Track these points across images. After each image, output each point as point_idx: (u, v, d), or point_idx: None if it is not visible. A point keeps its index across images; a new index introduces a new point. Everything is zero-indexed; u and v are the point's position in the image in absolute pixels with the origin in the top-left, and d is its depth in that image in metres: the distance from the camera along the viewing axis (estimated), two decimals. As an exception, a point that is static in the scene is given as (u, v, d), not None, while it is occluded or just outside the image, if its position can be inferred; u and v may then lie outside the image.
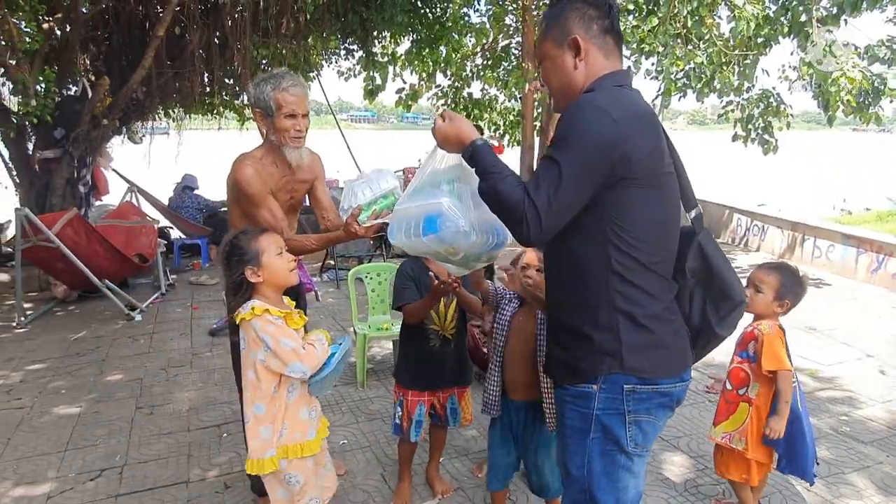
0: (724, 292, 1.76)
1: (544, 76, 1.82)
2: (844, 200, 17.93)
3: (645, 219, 1.61)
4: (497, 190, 1.59)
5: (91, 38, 7.65)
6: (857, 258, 7.00)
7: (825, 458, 3.30)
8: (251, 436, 2.13)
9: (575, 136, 1.56)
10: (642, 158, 1.56)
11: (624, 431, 1.66)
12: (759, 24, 6.78)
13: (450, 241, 1.80)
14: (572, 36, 1.69)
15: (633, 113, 1.60)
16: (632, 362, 1.62)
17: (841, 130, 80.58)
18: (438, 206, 1.79)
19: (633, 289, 1.62)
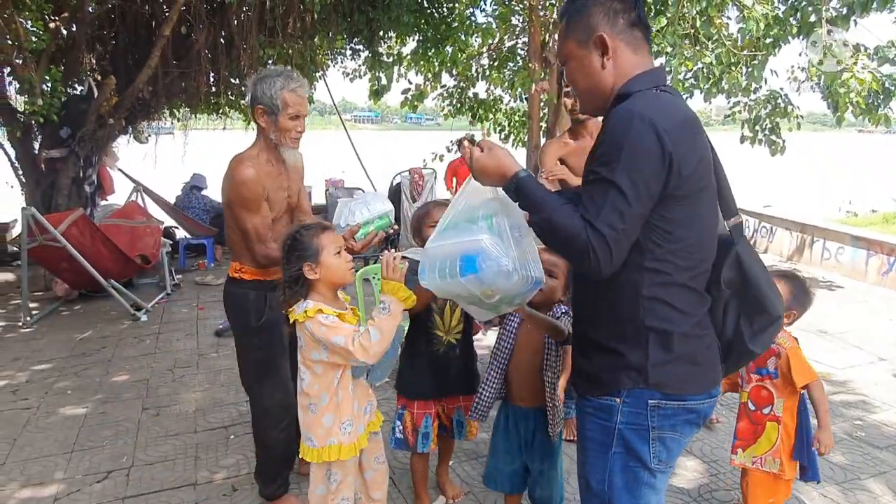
0: (761, 305, 1.65)
1: (569, 77, 1.71)
2: (850, 202, 17.83)
3: (684, 234, 1.53)
4: (553, 222, 1.49)
5: (97, 37, 7.64)
6: (868, 260, 6.94)
7: (840, 463, 3.26)
8: (314, 425, 2.13)
9: (623, 151, 1.44)
10: (690, 174, 1.48)
11: (647, 448, 1.59)
12: (769, 25, 6.74)
13: (489, 283, 1.64)
14: (598, 33, 1.57)
15: (679, 121, 1.50)
16: (657, 377, 1.55)
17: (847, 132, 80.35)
18: (478, 243, 1.63)
19: (665, 306, 1.54)
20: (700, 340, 1.60)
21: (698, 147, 1.52)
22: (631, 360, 1.56)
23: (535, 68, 9.46)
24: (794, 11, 6.96)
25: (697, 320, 1.59)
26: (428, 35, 9.13)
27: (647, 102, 1.51)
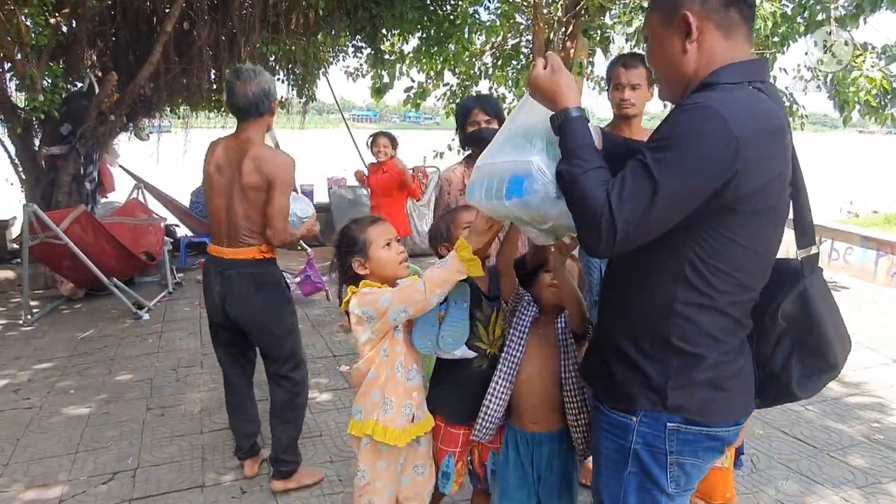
0: (818, 349, 1.48)
1: (649, 57, 1.53)
2: (851, 202, 17.80)
3: (735, 255, 1.35)
4: (577, 183, 1.34)
5: (98, 33, 7.56)
6: (877, 261, 6.89)
7: (860, 466, 3.20)
8: (363, 395, 2.05)
9: (682, 146, 1.28)
10: (757, 189, 1.30)
11: (665, 472, 1.46)
12: (777, 23, 6.68)
13: (536, 208, 1.49)
14: (683, 11, 1.37)
15: (761, 128, 1.30)
16: (676, 400, 1.41)
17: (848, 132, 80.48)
18: (528, 165, 1.48)
19: (696, 328, 1.39)
20: (729, 366, 1.44)
21: (776, 162, 1.34)
22: (651, 378, 1.43)
23: (540, 67, 9.40)
24: (803, 10, 6.92)
25: (729, 347, 1.44)
26: (431, 33, 9.07)
27: (727, 97, 1.32)
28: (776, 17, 6.71)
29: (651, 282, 1.43)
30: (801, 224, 1.46)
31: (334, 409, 3.76)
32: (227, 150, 2.81)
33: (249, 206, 2.73)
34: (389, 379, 2.01)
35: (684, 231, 1.34)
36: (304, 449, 3.27)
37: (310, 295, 6.08)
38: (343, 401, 3.86)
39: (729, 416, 1.46)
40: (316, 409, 3.74)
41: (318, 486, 2.94)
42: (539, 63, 1.48)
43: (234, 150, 2.78)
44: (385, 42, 9.67)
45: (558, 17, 9.63)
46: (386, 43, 9.74)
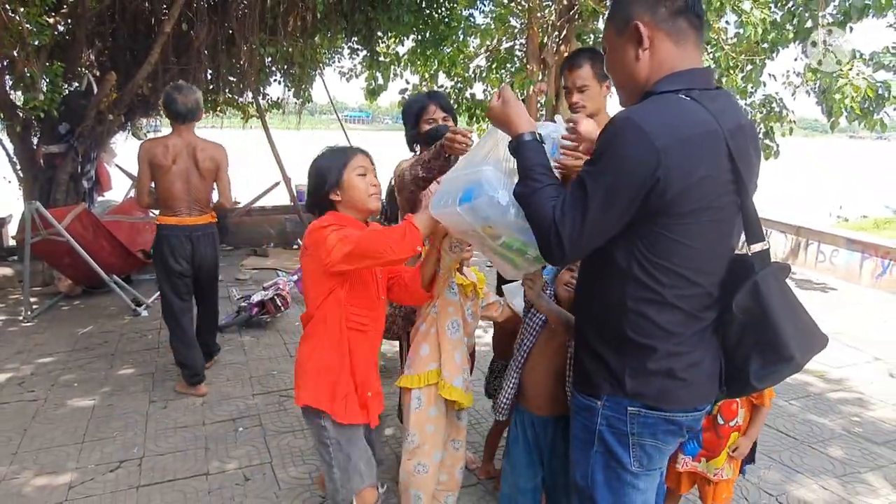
0: (773, 342, 1.49)
1: (608, 66, 1.64)
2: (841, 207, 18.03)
3: (676, 252, 1.45)
4: (530, 201, 1.50)
5: (96, 33, 7.64)
6: (862, 263, 7.05)
7: (839, 457, 3.33)
8: (413, 352, 2.38)
9: (607, 159, 1.41)
10: (682, 192, 1.39)
11: (627, 452, 1.57)
12: (766, 30, 6.83)
13: (483, 215, 1.62)
14: (633, 22, 1.46)
15: (684, 137, 1.39)
16: (634, 388, 1.53)
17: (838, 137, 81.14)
18: (479, 174, 1.64)
19: (647, 321, 1.50)
20: (684, 357, 1.52)
21: (703, 166, 1.40)
22: (611, 367, 1.55)
23: (534, 70, 9.53)
24: (792, 17, 7.07)
25: (682, 339, 1.52)
26: (426, 35, 9.18)
27: (654, 109, 1.43)
28: (766, 23, 6.85)
29: (606, 281, 1.55)
30: (747, 222, 1.51)
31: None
32: (176, 147, 3.77)
33: (205, 184, 3.87)
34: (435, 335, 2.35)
35: (630, 233, 1.46)
36: (305, 439, 3.39)
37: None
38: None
39: (687, 403, 1.56)
40: (315, 402, 3.84)
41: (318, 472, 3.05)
42: (494, 97, 1.65)
43: (183, 145, 3.77)
44: (380, 44, 9.78)
45: (552, 21, 9.76)
46: (381, 45, 9.84)
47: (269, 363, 4.51)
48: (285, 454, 3.23)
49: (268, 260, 7.94)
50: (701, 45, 1.53)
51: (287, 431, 3.48)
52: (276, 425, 3.55)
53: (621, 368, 1.54)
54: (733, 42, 7.19)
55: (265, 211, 9.19)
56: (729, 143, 1.42)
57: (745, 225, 1.52)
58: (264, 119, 8.80)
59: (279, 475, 3.04)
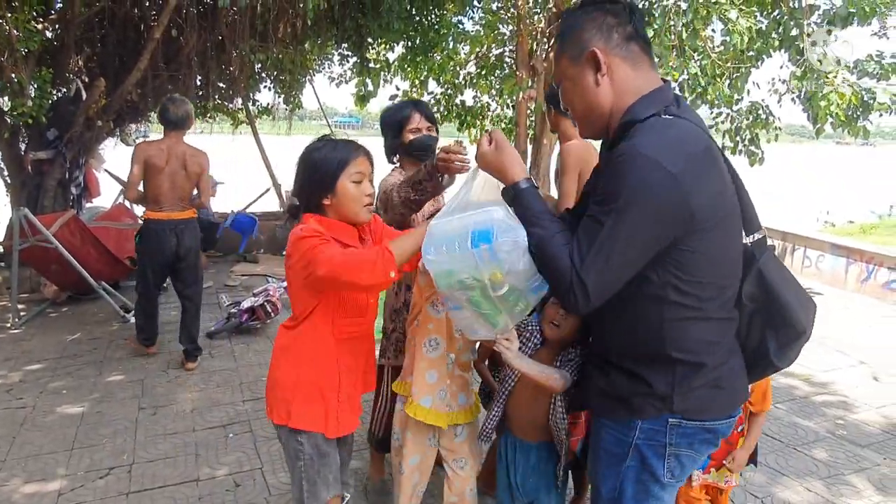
0: (785, 319, 1.57)
1: (566, 99, 1.61)
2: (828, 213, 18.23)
3: (709, 264, 1.47)
4: (544, 249, 1.47)
5: (85, 38, 7.62)
6: (847, 268, 7.14)
7: (823, 459, 3.38)
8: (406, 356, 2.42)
9: (626, 197, 1.36)
10: (704, 212, 1.40)
11: (662, 463, 1.57)
12: (752, 38, 6.92)
13: (504, 258, 1.51)
14: (590, 49, 1.49)
15: (691, 156, 1.41)
16: (682, 405, 1.52)
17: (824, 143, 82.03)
18: (490, 214, 1.55)
19: (691, 339, 1.50)
20: (725, 366, 1.56)
21: (714, 180, 1.44)
22: (656, 389, 1.52)
23: (523, 76, 9.60)
24: (777, 25, 7.17)
25: (724, 347, 1.56)
26: (416, 42, 9.22)
27: (654, 138, 1.41)
28: (752, 32, 6.95)
29: (639, 305, 1.51)
30: (746, 214, 1.56)
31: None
32: (168, 151, 4.34)
33: (189, 185, 4.45)
34: (414, 354, 2.26)
35: (659, 259, 1.43)
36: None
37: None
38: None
39: (724, 411, 1.58)
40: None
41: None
42: (484, 140, 1.61)
43: (174, 150, 4.36)
44: (370, 51, 9.81)
45: (541, 28, 9.83)
46: (371, 52, 9.87)
47: (258, 369, 4.51)
48: (276, 460, 3.24)
49: (257, 266, 7.93)
50: (655, 65, 1.55)
51: (277, 438, 3.48)
52: (267, 431, 3.56)
53: (669, 388, 1.51)
54: (720, 50, 7.28)
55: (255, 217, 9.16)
56: (717, 146, 1.48)
57: (744, 216, 1.56)
58: (254, 125, 8.81)
59: (269, 481, 3.04)
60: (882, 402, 4.17)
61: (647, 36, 1.55)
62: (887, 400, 4.20)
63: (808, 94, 6.90)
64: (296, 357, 1.95)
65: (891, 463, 3.37)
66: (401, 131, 2.59)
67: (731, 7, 6.82)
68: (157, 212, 4.38)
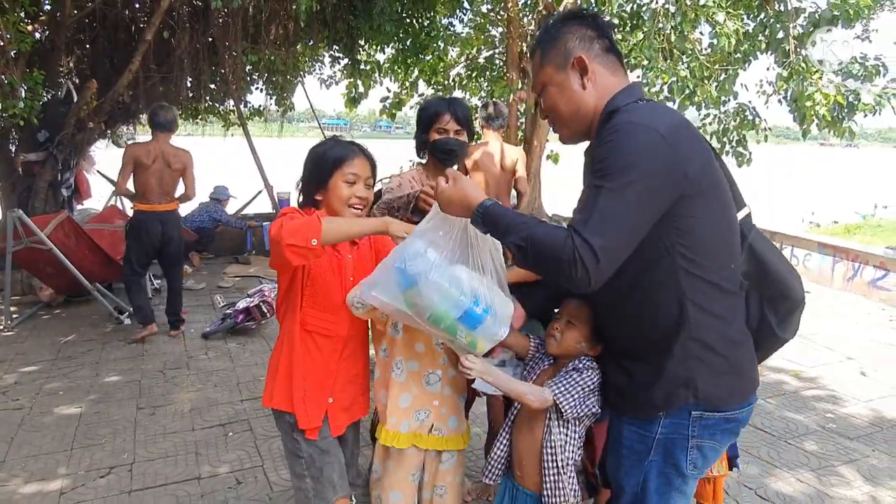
0: (781, 291, 1.65)
1: (549, 105, 1.67)
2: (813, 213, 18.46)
3: (710, 231, 1.52)
4: (534, 238, 1.42)
5: (75, 40, 7.60)
6: (834, 266, 7.25)
7: (814, 452, 3.46)
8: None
9: (626, 159, 1.41)
10: (698, 172, 1.47)
11: (685, 455, 1.60)
12: (740, 40, 7.02)
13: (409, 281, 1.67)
14: (576, 55, 1.60)
15: (676, 124, 1.49)
16: (706, 391, 1.55)
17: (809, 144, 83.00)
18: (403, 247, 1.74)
19: (707, 315, 1.53)
20: (742, 348, 1.61)
21: (699, 147, 1.52)
22: (678, 375, 1.54)
23: (513, 78, 9.67)
24: (764, 28, 7.29)
25: (738, 326, 1.60)
26: (407, 44, 9.27)
27: (642, 112, 1.50)
28: (739, 34, 7.05)
29: (651, 295, 1.54)
30: (733, 193, 1.64)
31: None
32: (155, 151, 4.95)
33: (173, 181, 5.07)
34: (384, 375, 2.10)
35: (661, 238, 1.48)
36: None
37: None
38: (329, 399, 4.00)
39: (744, 395, 1.62)
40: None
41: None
42: (441, 180, 1.67)
43: (160, 150, 4.97)
44: (361, 52, 9.85)
45: (531, 30, 9.91)
46: (362, 53, 9.91)
47: (255, 369, 4.53)
48: (277, 457, 3.26)
49: (250, 267, 7.94)
50: (627, 75, 1.67)
51: (277, 436, 3.50)
52: (266, 430, 3.58)
53: (692, 373, 1.54)
54: (707, 53, 7.38)
55: (247, 219, 9.17)
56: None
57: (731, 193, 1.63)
58: (246, 127, 8.81)
59: (272, 478, 3.07)
60: (869, 396, 4.26)
61: (619, 50, 1.68)
62: (874, 394, 4.29)
63: (795, 95, 7.01)
64: (277, 344, 2.07)
65: (879, 455, 3.45)
66: (429, 128, 2.51)
67: (718, 10, 6.93)
68: (144, 204, 5.01)
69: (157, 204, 5.01)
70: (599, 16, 1.69)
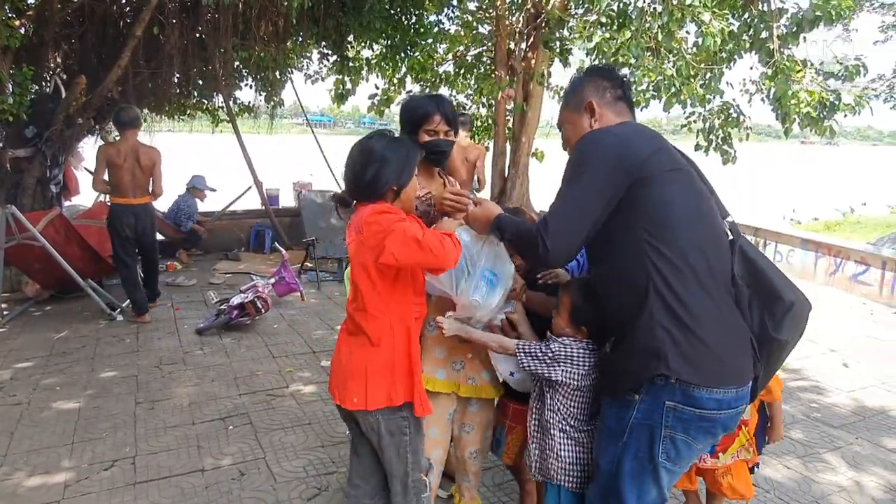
0: (773, 293, 1.76)
1: (565, 138, 2.01)
2: (794, 210, 18.76)
3: (673, 214, 1.69)
4: (519, 230, 1.89)
5: (63, 35, 7.55)
6: (816, 262, 7.42)
7: (800, 439, 3.57)
8: None
9: (581, 156, 1.78)
10: (649, 156, 1.73)
11: (658, 443, 1.71)
12: (725, 40, 7.14)
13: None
14: (588, 100, 1.91)
15: (633, 130, 1.82)
16: (677, 365, 1.63)
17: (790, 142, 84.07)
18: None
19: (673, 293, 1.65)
20: (718, 328, 1.68)
21: (652, 141, 1.79)
22: (649, 347, 1.66)
23: (502, 76, 9.73)
24: (748, 28, 7.41)
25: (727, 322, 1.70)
26: (396, 40, 9.30)
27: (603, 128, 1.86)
28: (724, 34, 7.18)
29: (624, 276, 1.75)
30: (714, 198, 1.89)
31: (320, 400, 3.95)
32: (125, 149, 5.35)
33: (145, 176, 5.44)
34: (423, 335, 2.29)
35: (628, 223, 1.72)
36: (296, 435, 3.48)
37: (284, 296, 6.21)
38: (326, 392, 4.04)
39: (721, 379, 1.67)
40: (302, 400, 3.94)
41: (312, 466, 3.15)
42: (470, 204, 2.09)
43: (130, 148, 5.37)
44: (350, 49, 9.86)
45: (519, 28, 9.98)
46: (351, 50, 9.92)
47: (252, 364, 4.57)
48: (278, 449, 3.31)
49: (241, 264, 7.94)
50: (635, 118, 1.98)
51: (278, 428, 3.56)
52: (266, 423, 3.63)
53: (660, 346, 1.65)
54: (693, 52, 7.50)
55: (236, 215, 9.17)
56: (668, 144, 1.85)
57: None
58: (235, 123, 8.80)
59: (274, 469, 3.12)
60: (852, 386, 4.39)
61: (632, 101, 2.00)
62: (856, 385, 4.43)
63: (778, 94, 7.15)
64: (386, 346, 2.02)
65: (862, 442, 3.57)
66: (417, 129, 2.43)
67: (704, 9, 7.04)
68: (120, 198, 5.44)
69: (131, 198, 5.43)
70: (616, 70, 2.05)
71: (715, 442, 1.82)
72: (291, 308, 6.14)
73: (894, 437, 3.65)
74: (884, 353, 5.14)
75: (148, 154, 5.45)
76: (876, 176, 38.30)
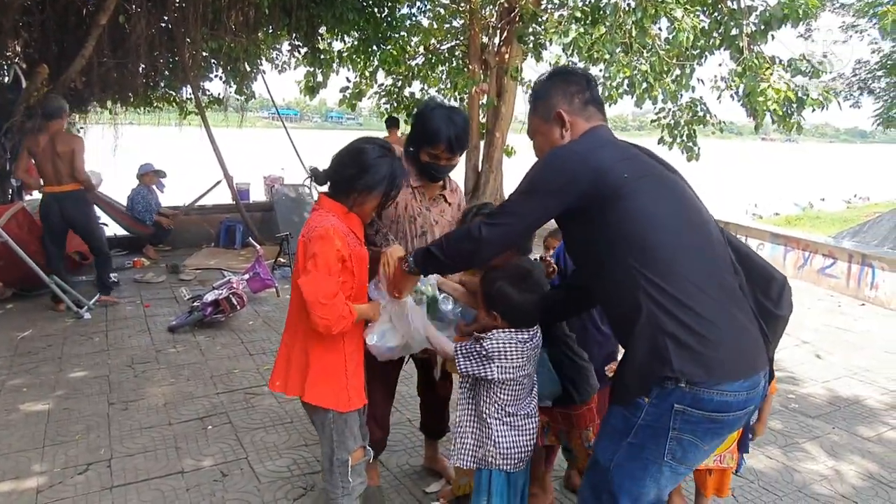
0: (765, 275, 1.82)
1: (537, 148, 2.00)
2: (755, 205, 19.19)
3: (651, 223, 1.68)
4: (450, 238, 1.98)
5: (23, 23, 7.26)
6: (786, 255, 7.57)
7: (779, 429, 3.63)
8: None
9: (536, 167, 1.83)
10: (618, 162, 1.74)
11: (664, 444, 1.67)
12: (696, 36, 7.23)
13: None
14: (556, 110, 1.90)
15: (598, 144, 1.82)
16: (681, 367, 1.60)
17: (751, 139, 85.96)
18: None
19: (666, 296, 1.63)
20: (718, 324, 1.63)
21: (615, 152, 1.80)
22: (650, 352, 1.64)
23: (476, 71, 9.71)
24: (718, 25, 7.52)
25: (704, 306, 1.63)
26: (368, 33, 9.19)
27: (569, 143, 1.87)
28: (696, 30, 7.26)
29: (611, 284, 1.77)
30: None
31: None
32: (44, 139, 5.44)
33: (64, 163, 5.46)
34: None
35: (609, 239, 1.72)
36: (278, 434, 3.40)
37: (258, 292, 6.08)
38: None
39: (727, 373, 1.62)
40: (282, 398, 3.85)
41: (297, 466, 3.08)
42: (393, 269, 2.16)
43: (49, 138, 5.44)
44: (321, 41, 9.72)
45: (493, 22, 9.96)
46: (322, 42, 9.78)
47: (228, 362, 4.46)
48: (260, 449, 3.23)
49: (210, 260, 7.77)
50: (605, 119, 1.95)
51: (259, 427, 3.48)
52: (246, 422, 3.54)
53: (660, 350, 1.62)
54: (666, 48, 7.57)
55: (205, 210, 8.96)
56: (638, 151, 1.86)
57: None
58: (204, 115, 8.59)
59: (257, 469, 3.04)
60: (825, 377, 4.49)
61: (601, 101, 1.98)
62: (830, 375, 4.52)
63: (747, 91, 7.26)
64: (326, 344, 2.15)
65: (839, 431, 3.64)
66: (421, 145, 2.47)
67: (676, 6, 7.11)
68: (45, 186, 5.58)
69: (54, 185, 5.50)
70: (583, 72, 2.03)
71: (720, 442, 1.80)
72: (266, 304, 6.03)
73: (868, 426, 3.74)
74: (853, 345, 5.27)
75: (65, 141, 5.51)
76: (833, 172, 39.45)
